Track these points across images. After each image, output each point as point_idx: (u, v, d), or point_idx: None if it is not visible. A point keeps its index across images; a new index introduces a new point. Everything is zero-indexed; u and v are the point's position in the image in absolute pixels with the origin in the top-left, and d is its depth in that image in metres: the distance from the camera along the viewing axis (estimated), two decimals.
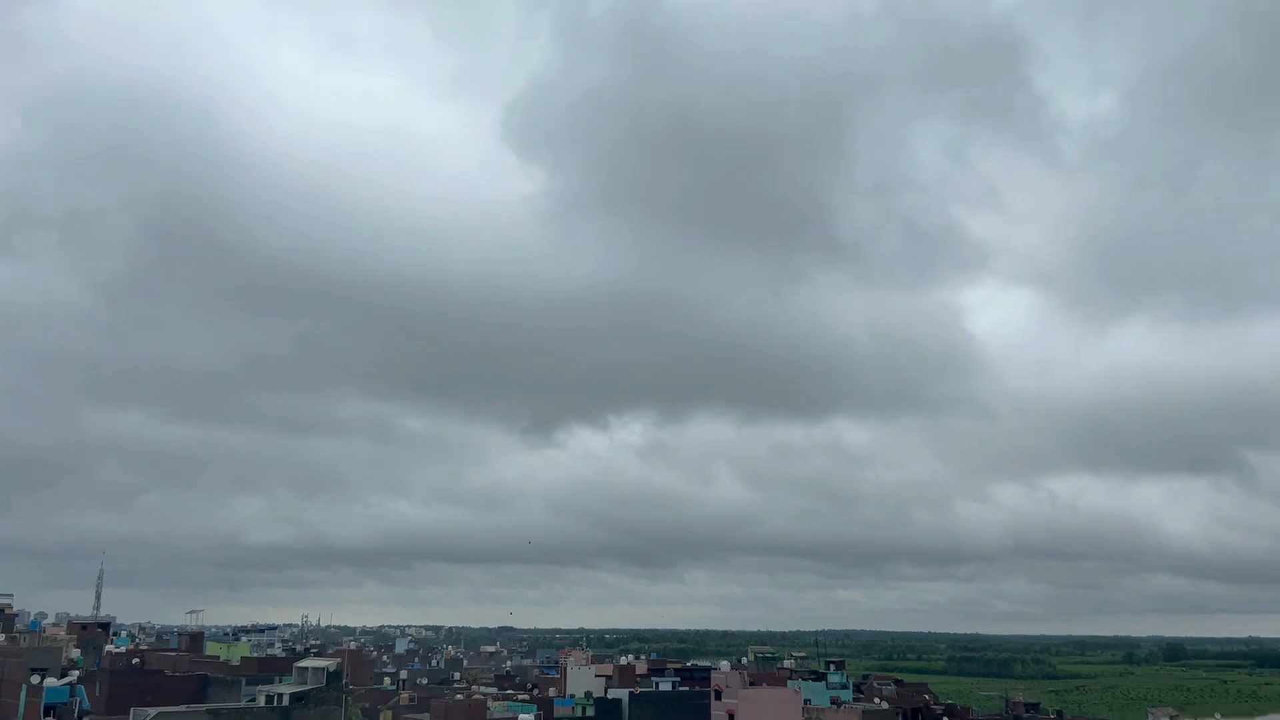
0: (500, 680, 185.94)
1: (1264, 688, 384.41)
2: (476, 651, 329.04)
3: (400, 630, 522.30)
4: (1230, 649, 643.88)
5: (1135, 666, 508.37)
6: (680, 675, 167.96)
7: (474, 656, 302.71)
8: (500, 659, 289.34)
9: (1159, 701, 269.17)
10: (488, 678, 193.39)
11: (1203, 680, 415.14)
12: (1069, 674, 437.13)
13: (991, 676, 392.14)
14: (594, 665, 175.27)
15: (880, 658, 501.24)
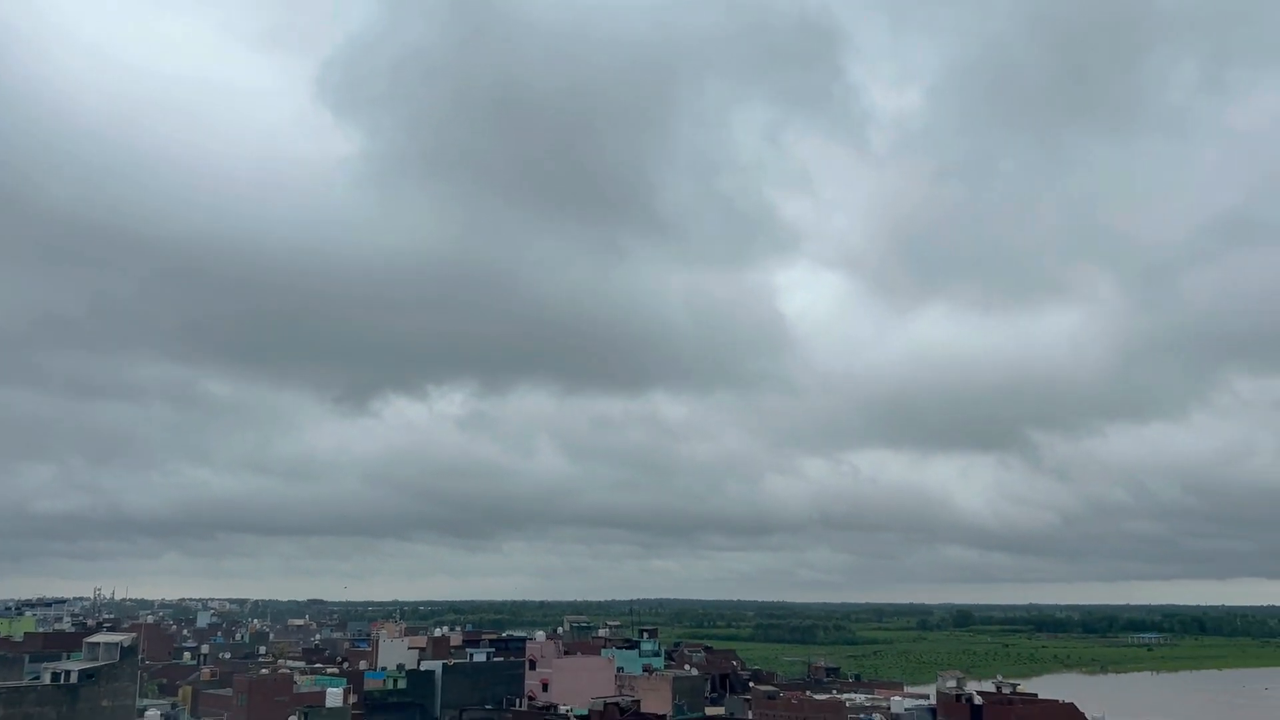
0: (309, 654, 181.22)
1: (1040, 650, 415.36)
2: (284, 625, 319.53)
3: (202, 604, 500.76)
4: (1013, 615, 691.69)
5: (928, 632, 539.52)
6: (495, 646, 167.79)
7: (281, 630, 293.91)
8: (309, 632, 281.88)
9: (948, 665, 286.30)
10: (295, 652, 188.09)
11: (988, 644, 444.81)
12: (867, 639, 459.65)
13: (796, 643, 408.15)
14: (407, 638, 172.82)
15: (692, 625, 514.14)
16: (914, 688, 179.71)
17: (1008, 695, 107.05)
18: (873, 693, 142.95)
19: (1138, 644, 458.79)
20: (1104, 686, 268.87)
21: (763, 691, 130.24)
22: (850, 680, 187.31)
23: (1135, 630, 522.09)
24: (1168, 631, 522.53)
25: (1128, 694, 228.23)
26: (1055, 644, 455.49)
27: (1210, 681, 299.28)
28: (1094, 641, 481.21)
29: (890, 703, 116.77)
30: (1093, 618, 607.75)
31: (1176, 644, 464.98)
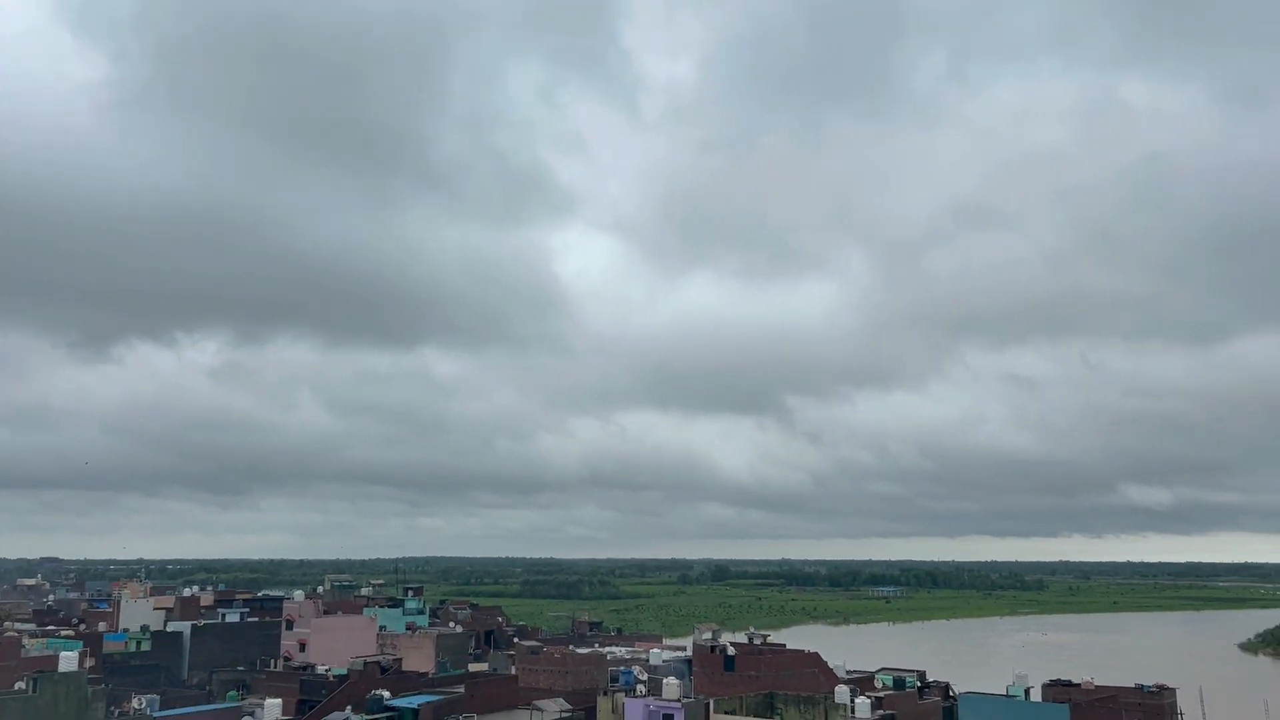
0: (40, 616, 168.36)
1: (790, 603, 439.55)
2: (13, 585, 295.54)
3: None
4: (767, 570, 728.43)
5: (688, 586, 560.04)
6: (250, 606, 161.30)
7: (9, 590, 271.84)
8: (42, 593, 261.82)
9: (705, 617, 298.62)
10: (25, 613, 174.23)
11: (743, 597, 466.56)
12: (630, 594, 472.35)
13: (562, 598, 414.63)
14: (153, 598, 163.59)
15: (459, 583, 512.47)
16: (673, 640, 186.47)
17: (758, 646, 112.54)
18: (633, 646, 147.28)
19: (877, 597, 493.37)
20: (846, 636, 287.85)
21: (526, 647, 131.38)
22: (612, 634, 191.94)
23: (876, 584, 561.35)
24: (905, 585, 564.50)
25: (866, 643, 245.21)
26: (804, 597, 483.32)
27: (939, 630, 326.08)
28: (839, 594, 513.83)
29: (649, 655, 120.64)
30: (838, 572, 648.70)
31: (912, 596, 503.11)
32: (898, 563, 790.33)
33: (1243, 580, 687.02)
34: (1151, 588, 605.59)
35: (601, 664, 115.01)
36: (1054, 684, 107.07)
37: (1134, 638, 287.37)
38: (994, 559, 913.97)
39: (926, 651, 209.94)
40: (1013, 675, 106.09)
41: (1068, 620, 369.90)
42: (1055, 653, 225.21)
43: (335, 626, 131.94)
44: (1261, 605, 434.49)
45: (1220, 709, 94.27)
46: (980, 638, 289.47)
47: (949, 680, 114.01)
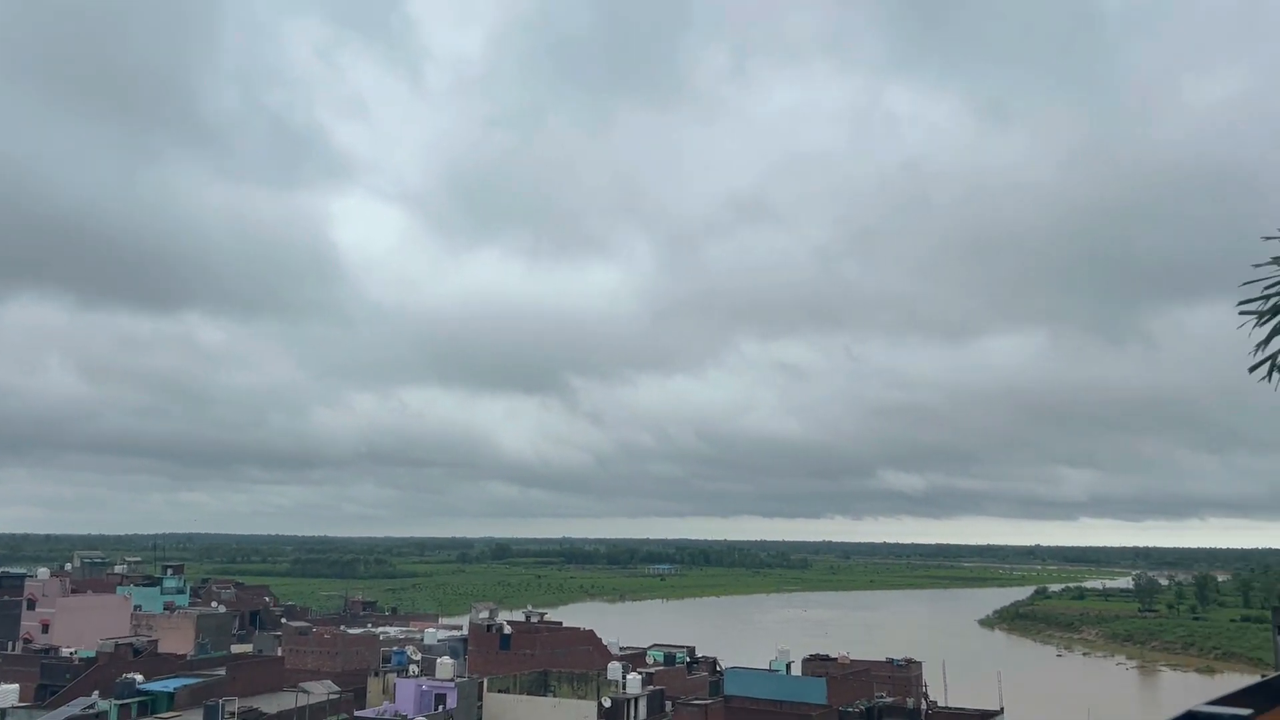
0: None
1: (569, 581, 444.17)
2: None
3: None
4: (548, 548, 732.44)
5: (468, 565, 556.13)
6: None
7: None
8: None
9: (483, 596, 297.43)
10: None
11: (522, 576, 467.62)
12: (408, 573, 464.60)
13: (336, 578, 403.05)
14: None
15: (224, 561, 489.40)
16: (449, 619, 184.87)
17: (535, 624, 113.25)
18: (408, 625, 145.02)
19: (653, 575, 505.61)
20: (622, 613, 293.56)
21: (294, 627, 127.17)
22: (387, 614, 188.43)
23: (652, 562, 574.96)
24: (680, 563, 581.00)
25: (640, 619, 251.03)
26: (583, 575, 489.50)
27: (710, 607, 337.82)
28: (617, 572, 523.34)
29: (424, 635, 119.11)
30: (617, 550, 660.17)
31: (686, 574, 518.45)
32: (674, 541, 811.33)
33: (985, 561, 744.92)
34: (905, 567, 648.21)
35: (373, 644, 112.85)
36: (813, 658, 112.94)
37: (887, 614, 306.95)
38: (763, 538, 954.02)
39: (697, 627, 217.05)
40: (776, 650, 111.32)
41: (828, 597, 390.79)
42: (816, 628, 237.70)
43: (84, 606, 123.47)
44: (1000, 584, 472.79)
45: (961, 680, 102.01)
46: (748, 614, 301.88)
47: (716, 655, 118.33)
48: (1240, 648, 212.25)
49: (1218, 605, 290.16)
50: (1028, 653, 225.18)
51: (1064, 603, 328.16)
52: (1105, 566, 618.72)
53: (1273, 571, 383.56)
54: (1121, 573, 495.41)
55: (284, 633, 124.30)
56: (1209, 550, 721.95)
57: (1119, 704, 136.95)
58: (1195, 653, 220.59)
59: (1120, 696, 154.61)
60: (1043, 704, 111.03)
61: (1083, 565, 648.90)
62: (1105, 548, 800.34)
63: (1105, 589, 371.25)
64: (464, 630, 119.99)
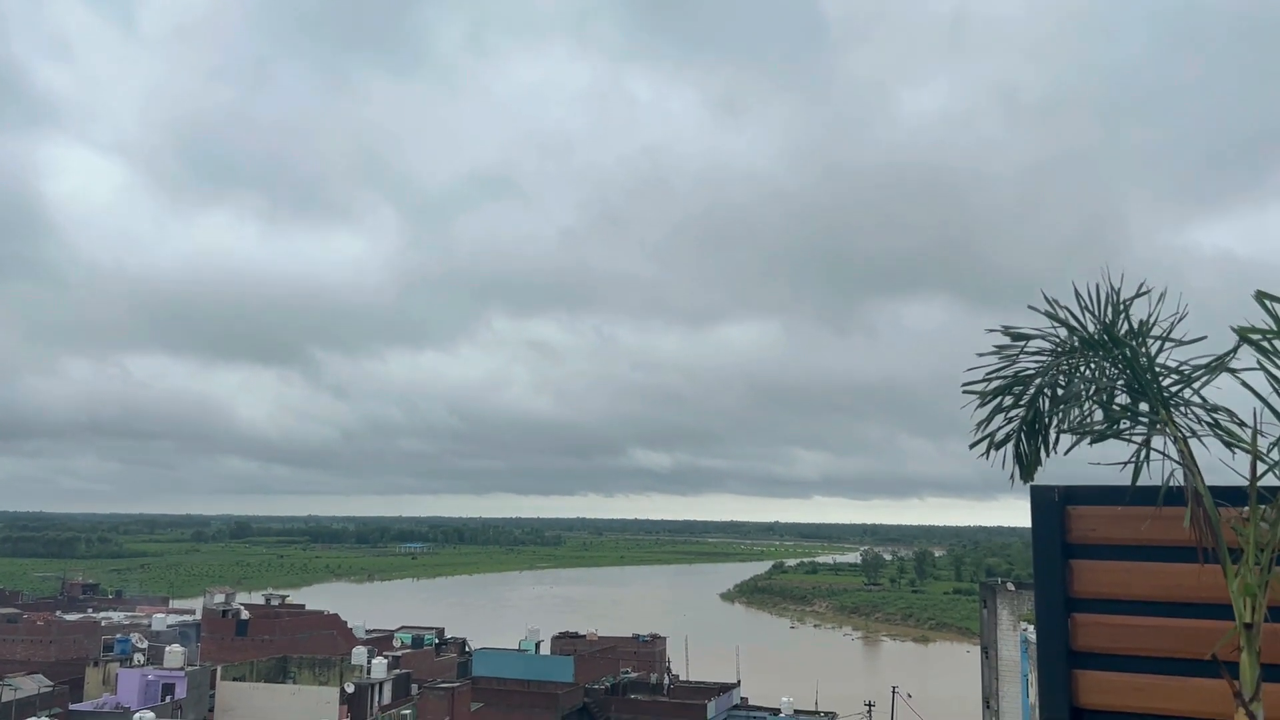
0: None
1: (314, 560, 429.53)
2: None
3: None
4: (292, 526, 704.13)
5: (203, 544, 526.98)
6: None
7: None
8: None
9: (220, 578, 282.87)
10: None
11: (263, 555, 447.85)
12: (136, 552, 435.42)
13: (53, 557, 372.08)
14: None
15: None
16: (181, 602, 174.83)
17: (276, 608, 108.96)
18: (134, 610, 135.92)
19: (404, 553, 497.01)
20: (370, 595, 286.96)
21: (2, 613, 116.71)
22: (111, 597, 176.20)
23: (404, 540, 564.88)
24: (433, 541, 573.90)
25: (390, 600, 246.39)
26: (329, 554, 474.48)
27: (462, 586, 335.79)
28: (366, 551, 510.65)
29: (152, 620, 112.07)
30: (366, 529, 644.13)
31: (439, 553, 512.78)
32: (427, 519, 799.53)
33: (728, 536, 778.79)
34: (654, 543, 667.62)
35: (94, 631, 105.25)
36: (562, 636, 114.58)
37: (635, 590, 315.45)
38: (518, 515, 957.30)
39: (448, 608, 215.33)
40: (526, 629, 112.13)
41: (580, 574, 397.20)
42: (566, 606, 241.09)
43: None
44: (741, 559, 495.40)
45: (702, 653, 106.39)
46: (500, 592, 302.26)
47: (467, 636, 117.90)
48: (951, 619, 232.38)
49: (934, 579, 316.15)
50: (764, 625, 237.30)
51: (799, 577, 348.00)
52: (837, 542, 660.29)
53: (981, 547, 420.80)
54: (852, 548, 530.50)
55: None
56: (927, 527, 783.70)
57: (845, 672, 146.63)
58: (913, 624, 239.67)
59: (846, 665, 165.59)
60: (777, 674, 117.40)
61: (817, 541, 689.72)
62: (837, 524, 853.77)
63: (836, 564, 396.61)
64: (197, 615, 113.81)
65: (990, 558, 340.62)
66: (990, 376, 6.84)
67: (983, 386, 6.87)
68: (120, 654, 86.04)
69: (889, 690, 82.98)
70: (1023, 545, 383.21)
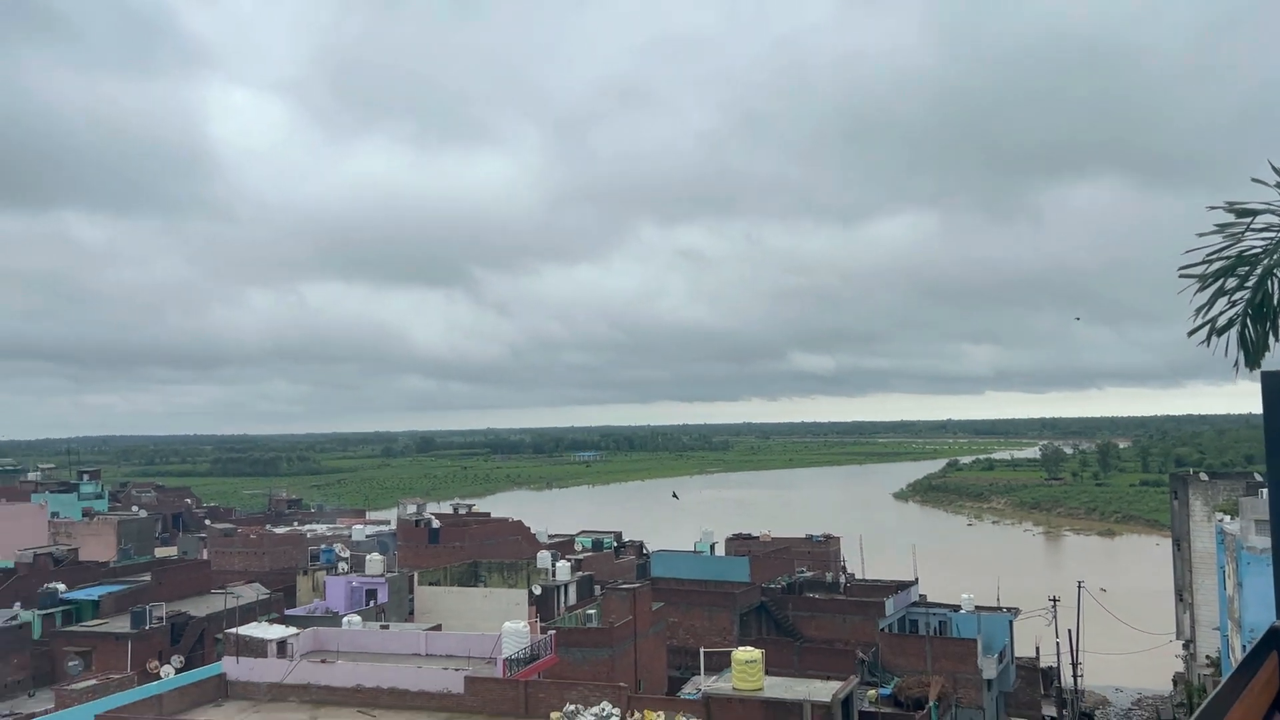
0: None
1: (495, 470, 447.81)
2: None
3: None
4: (472, 439, 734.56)
5: (392, 459, 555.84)
6: None
7: None
8: None
9: (409, 490, 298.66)
10: None
11: (448, 467, 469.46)
12: (332, 469, 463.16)
13: (258, 476, 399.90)
14: None
15: (142, 463, 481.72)
16: (376, 514, 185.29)
17: (463, 516, 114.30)
18: (335, 522, 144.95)
19: (578, 461, 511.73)
20: (549, 501, 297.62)
21: (219, 529, 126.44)
22: (313, 510, 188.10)
23: (577, 449, 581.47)
24: (604, 449, 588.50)
25: (567, 506, 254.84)
26: (509, 465, 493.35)
27: (634, 491, 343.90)
28: (542, 461, 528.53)
29: (352, 531, 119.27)
30: (541, 439, 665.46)
31: (611, 460, 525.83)
32: (597, 428, 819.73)
33: (898, 436, 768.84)
34: (822, 445, 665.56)
35: (301, 543, 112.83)
36: (736, 537, 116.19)
37: (805, 492, 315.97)
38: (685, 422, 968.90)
39: (623, 512, 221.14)
40: (700, 531, 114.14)
41: (749, 477, 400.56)
42: (738, 508, 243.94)
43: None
44: (913, 458, 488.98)
45: (877, 553, 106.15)
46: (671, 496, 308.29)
47: (643, 539, 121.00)
48: (1139, 510, 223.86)
49: (1119, 471, 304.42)
50: (940, 523, 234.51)
51: (974, 474, 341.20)
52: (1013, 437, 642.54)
53: (1170, 438, 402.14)
54: (1029, 443, 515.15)
55: (208, 534, 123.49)
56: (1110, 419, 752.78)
57: (1026, 568, 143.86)
58: (1097, 517, 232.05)
59: (1027, 561, 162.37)
60: (955, 571, 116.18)
61: (992, 437, 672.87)
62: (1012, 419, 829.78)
63: (1013, 459, 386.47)
64: (392, 525, 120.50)
65: (1179, 448, 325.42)
66: (1211, 258, 6.38)
67: (1203, 269, 6.43)
68: (325, 563, 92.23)
69: (1074, 585, 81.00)
70: (1214, 434, 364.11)
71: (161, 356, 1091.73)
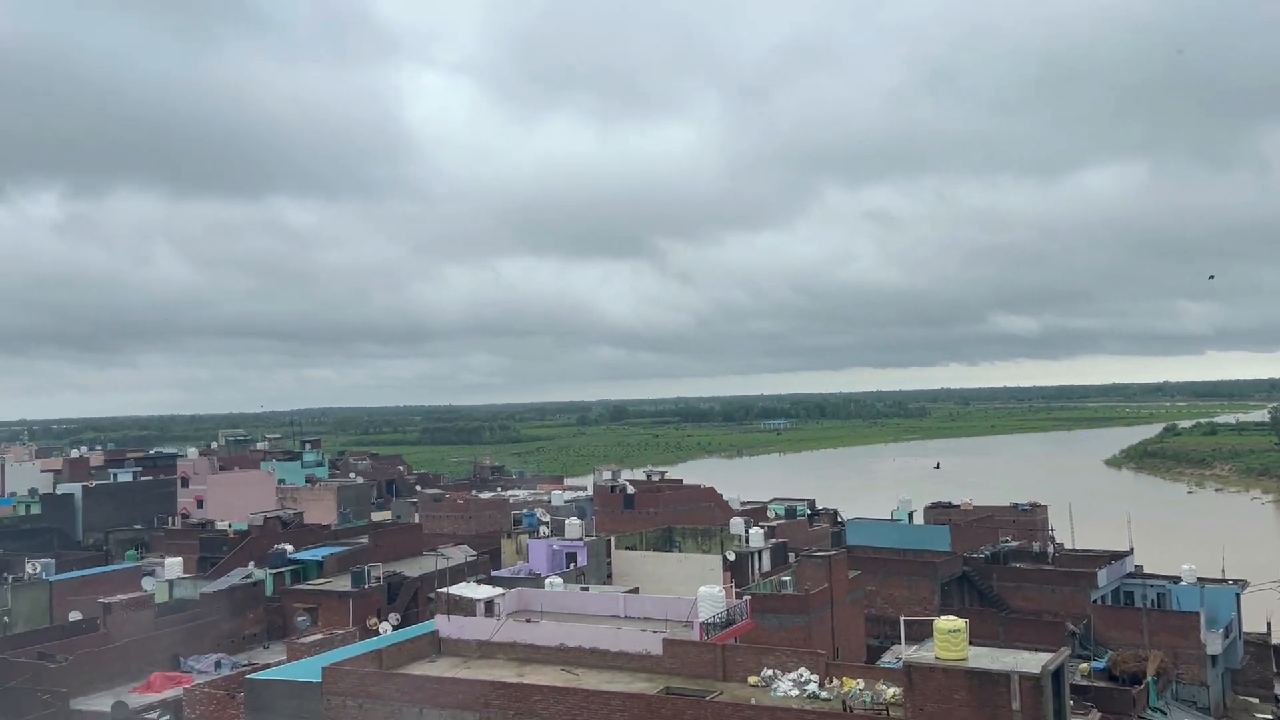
0: None
1: (685, 438, 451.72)
2: None
3: None
4: (663, 408, 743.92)
5: (587, 428, 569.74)
6: (142, 465, 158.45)
7: None
8: None
9: (604, 457, 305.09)
10: None
11: (640, 435, 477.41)
12: (531, 437, 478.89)
13: (463, 444, 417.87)
14: (39, 460, 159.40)
15: (357, 433, 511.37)
16: (574, 480, 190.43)
17: (656, 483, 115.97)
18: (535, 488, 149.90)
19: (769, 429, 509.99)
20: (740, 469, 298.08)
21: (429, 494, 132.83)
22: (515, 477, 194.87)
23: (767, 417, 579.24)
24: (795, 417, 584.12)
25: (759, 474, 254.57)
26: (699, 433, 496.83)
27: (827, 459, 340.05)
28: (732, 429, 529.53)
29: (551, 496, 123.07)
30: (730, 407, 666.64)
31: (802, 428, 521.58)
32: (787, 396, 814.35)
33: (1110, 400, 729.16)
34: (1026, 411, 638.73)
35: (504, 507, 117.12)
36: (935, 506, 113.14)
37: (1010, 459, 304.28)
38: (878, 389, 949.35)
39: (816, 480, 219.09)
40: (897, 499, 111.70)
41: (948, 445, 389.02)
42: (936, 476, 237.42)
43: (232, 482, 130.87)
44: (1126, 423, 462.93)
45: (1088, 522, 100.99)
46: (866, 464, 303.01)
47: (837, 507, 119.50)
48: None
49: None
50: (1157, 491, 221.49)
51: (1195, 439, 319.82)
52: (1238, 400, 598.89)
53: None
54: (1256, 406, 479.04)
55: (419, 500, 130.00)
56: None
57: (1255, 539, 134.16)
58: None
59: (1256, 531, 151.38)
60: (1174, 542, 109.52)
61: (1214, 400, 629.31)
62: (1237, 381, 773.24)
63: (1239, 423, 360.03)
64: (589, 491, 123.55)
65: None
66: None
67: None
68: (528, 527, 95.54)
69: None
70: None
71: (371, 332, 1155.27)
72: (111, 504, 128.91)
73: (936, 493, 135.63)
